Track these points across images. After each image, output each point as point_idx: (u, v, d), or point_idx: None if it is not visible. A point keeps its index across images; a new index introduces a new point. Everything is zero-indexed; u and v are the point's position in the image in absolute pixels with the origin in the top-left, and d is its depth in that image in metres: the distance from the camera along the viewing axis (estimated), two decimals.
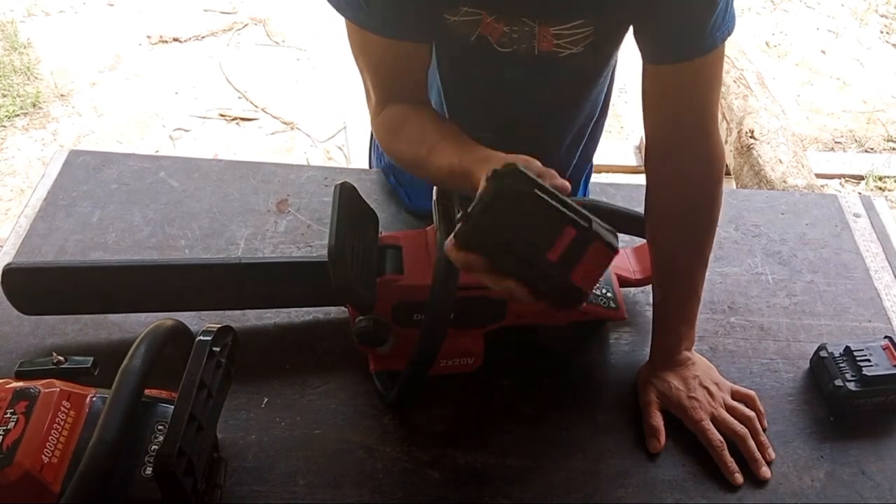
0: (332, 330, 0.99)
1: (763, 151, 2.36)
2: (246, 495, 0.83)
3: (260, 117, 2.81)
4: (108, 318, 0.98)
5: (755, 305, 1.06)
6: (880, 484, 0.88)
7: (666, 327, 0.94)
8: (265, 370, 0.95)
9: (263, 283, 0.95)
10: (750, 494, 0.86)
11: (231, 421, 0.89)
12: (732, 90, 2.58)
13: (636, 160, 2.69)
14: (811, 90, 3.05)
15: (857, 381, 0.91)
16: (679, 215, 0.90)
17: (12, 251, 1.06)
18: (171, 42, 3.11)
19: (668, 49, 0.83)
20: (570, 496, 0.85)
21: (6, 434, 0.67)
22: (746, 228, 1.17)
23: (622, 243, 1.09)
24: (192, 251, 1.08)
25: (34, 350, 0.95)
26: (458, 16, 0.85)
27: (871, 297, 1.08)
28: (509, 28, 0.85)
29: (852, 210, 1.21)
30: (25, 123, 2.74)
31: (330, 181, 1.19)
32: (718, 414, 0.89)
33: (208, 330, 0.75)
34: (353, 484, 0.85)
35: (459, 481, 0.85)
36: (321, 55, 3.03)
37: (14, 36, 3.06)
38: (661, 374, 0.92)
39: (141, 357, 0.70)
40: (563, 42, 0.86)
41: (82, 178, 1.18)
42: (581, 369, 0.98)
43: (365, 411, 0.91)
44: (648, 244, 0.95)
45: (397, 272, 0.85)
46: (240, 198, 1.16)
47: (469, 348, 0.91)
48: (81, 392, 0.74)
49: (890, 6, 3.49)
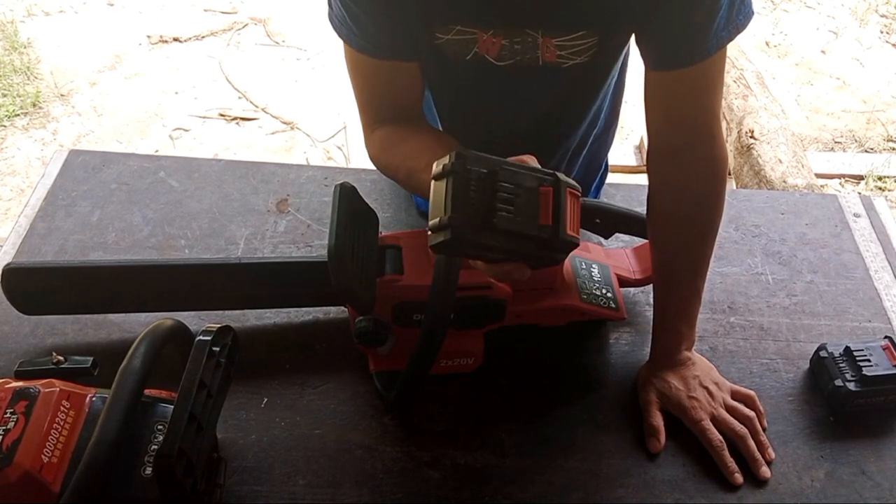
0: (332, 330, 0.99)
1: (763, 151, 2.36)
2: (246, 495, 0.83)
3: (260, 117, 2.81)
4: (108, 318, 0.98)
5: (755, 305, 1.06)
6: (880, 484, 0.88)
7: (666, 327, 0.94)
8: (265, 370, 0.95)
9: (263, 283, 0.95)
10: (750, 494, 0.86)
11: (231, 421, 0.89)
12: (732, 90, 2.58)
13: (636, 160, 2.69)
14: (811, 90, 3.05)
15: (857, 381, 0.91)
16: (681, 216, 0.90)
17: (12, 251, 1.07)
18: (171, 42, 3.11)
19: (671, 55, 0.82)
20: (570, 496, 0.85)
21: (6, 434, 0.67)
22: (746, 228, 1.17)
23: (622, 243, 1.09)
24: (192, 251, 1.08)
25: (34, 350, 0.95)
26: (450, 34, 0.84)
27: (871, 297, 1.08)
28: (509, 41, 0.84)
29: (852, 210, 1.21)
30: (25, 123, 2.74)
31: (330, 181, 1.19)
32: (718, 414, 0.89)
33: (208, 330, 0.75)
34: (352, 484, 0.85)
35: (459, 481, 0.85)
36: (321, 55, 3.03)
37: (14, 36, 3.06)
38: (661, 374, 0.92)
39: (141, 357, 0.70)
40: (566, 53, 0.85)
41: (82, 177, 1.18)
42: (581, 369, 0.98)
43: (365, 411, 0.91)
44: (650, 244, 0.95)
45: (397, 272, 0.85)
46: (240, 198, 1.16)
47: (469, 348, 0.91)
48: (81, 392, 0.74)
49: (890, 6, 3.49)
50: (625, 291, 1.03)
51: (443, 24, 0.84)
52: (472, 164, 0.61)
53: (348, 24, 0.83)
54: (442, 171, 0.62)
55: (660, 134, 0.89)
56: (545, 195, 0.62)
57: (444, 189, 0.61)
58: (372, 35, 0.83)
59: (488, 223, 0.60)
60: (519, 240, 0.62)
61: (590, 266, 0.96)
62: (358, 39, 0.84)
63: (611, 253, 1.03)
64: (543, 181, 0.63)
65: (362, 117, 0.93)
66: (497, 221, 0.60)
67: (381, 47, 0.84)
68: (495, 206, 0.60)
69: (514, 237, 0.62)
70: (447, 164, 0.61)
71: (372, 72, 0.87)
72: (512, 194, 0.61)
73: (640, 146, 2.69)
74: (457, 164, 0.61)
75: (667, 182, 0.91)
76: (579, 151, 1.10)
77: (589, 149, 1.12)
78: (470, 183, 0.60)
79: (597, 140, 1.12)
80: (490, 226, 0.60)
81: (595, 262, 0.97)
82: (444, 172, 0.62)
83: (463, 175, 0.60)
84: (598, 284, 0.95)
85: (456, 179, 0.60)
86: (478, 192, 0.60)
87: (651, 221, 0.93)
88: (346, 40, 0.85)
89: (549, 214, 0.62)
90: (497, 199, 0.61)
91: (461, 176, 0.60)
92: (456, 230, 0.60)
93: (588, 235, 1.05)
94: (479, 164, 0.61)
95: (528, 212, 0.62)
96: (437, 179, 0.62)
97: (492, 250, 0.63)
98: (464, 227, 0.60)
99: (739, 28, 0.81)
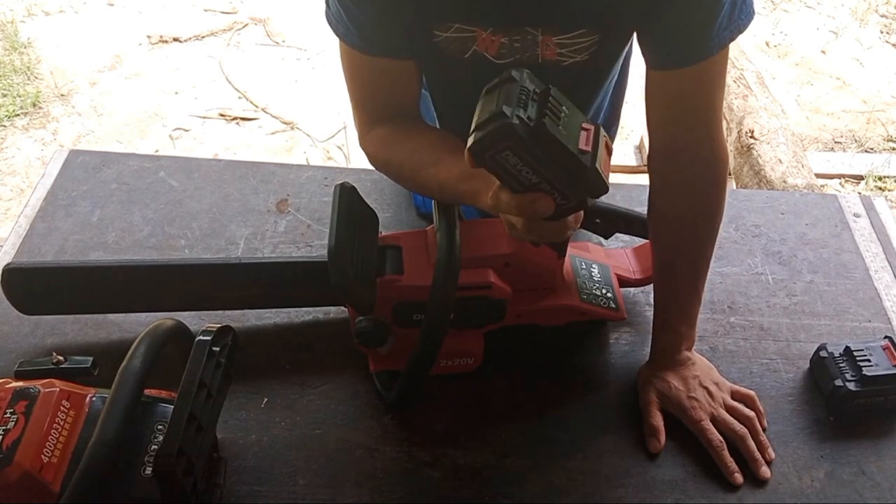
0: (332, 330, 0.99)
1: (763, 151, 2.36)
2: (246, 495, 0.83)
3: (260, 117, 2.80)
4: (108, 318, 0.98)
5: (755, 305, 1.06)
6: (880, 484, 0.88)
7: (666, 327, 0.94)
8: (265, 370, 0.95)
9: (263, 283, 0.95)
10: (750, 494, 0.86)
11: (231, 421, 0.89)
12: (732, 90, 2.58)
13: (636, 160, 2.69)
14: (811, 90, 3.05)
15: (857, 381, 0.91)
16: (682, 217, 0.90)
17: (12, 251, 1.07)
18: (171, 42, 3.11)
19: (673, 54, 0.82)
20: (570, 496, 0.85)
21: (6, 434, 0.67)
22: (746, 228, 1.17)
23: (622, 243, 1.09)
24: (192, 251, 1.08)
25: (34, 350, 0.95)
26: (449, 32, 0.84)
27: (871, 297, 1.08)
28: (508, 39, 0.84)
29: (852, 210, 1.21)
30: (25, 123, 2.74)
31: (330, 181, 1.19)
32: (718, 414, 0.89)
33: (208, 330, 0.75)
34: (352, 484, 0.85)
35: (459, 481, 0.85)
36: (321, 55, 3.03)
37: (14, 36, 3.06)
38: (661, 374, 0.92)
39: (141, 357, 0.70)
40: (566, 51, 0.85)
41: (82, 177, 1.18)
42: (581, 369, 0.98)
43: (365, 411, 0.91)
44: (651, 244, 0.95)
45: (397, 272, 0.85)
46: (240, 198, 1.16)
47: (469, 348, 0.91)
48: (81, 392, 0.74)
49: (890, 6, 3.49)
50: (625, 291, 1.03)
51: (441, 21, 0.84)
52: (528, 80, 0.62)
53: (345, 22, 0.83)
54: (497, 83, 0.62)
55: (661, 134, 0.89)
56: (587, 129, 0.63)
57: (496, 96, 0.61)
58: (369, 33, 0.83)
59: (539, 124, 0.60)
60: (561, 153, 0.62)
61: (590, 266, 0.96)
62: (355, 37, 0.84)
63: (611, 253, 1.03)
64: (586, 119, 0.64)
65: (358, 115, 0.93)
66: (547, 123, 0.60)
67: (378, 45, 0.84)
68: (546, 113, 0.61)
69: (558, 148, 0.61)
70: (503, 76, 0.62)
71: (369, 70, 0.87)
72: (560, 113, 0.62)
73: (640, 146, 2.69)
74: (515, 73, 0.61)
75: (668, 182, 0.91)
76: None
77: None
78: (525, 90, 0.61)
79: None
80: (540, 126, 0.60)
81: (595, 262, 0.97)
82: (498, 83, 0.62)
83: (519, 83, 0.61)
84: (598, 284, 0.95)
85: (512, 85, 0.61)
86: (530, 99, 0.61)
87: (652, 221, 0.93)
88: (343, 38, 0.85)
89: (590, 143, 0.63)
90: (548, 110, 0.61)
91: (517, 84, 0.61)
92: (507, 120, 0.59)
93: (588, 235, 1.06)
94: (533, 81, 0.62)
95: (573, 133, 0.62)
96: (489, 92, 0.62)
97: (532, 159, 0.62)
98: (515, 118, 0.59)
99: (741, 28, 0.80)
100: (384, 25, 0.83)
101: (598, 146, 0.63)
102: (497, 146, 0.61)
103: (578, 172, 0.63)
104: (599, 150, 0.63)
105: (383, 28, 0.83)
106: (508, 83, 0.61)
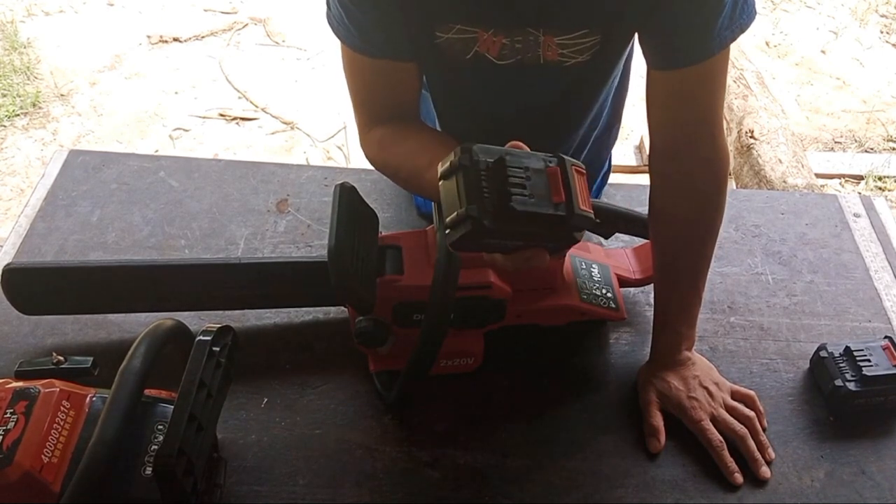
0: (332, 330, 0.99)
1: (763, 151, 2.36)
2: (246, 495, 0.83)
3: (260, 117, 2.80)
4: (108, 318, 0.98)
5: (755, 305, 1.06)
6: (880, 484, 0.88)
7: (666, 327, 0.94)
8: (265, 370, 0.95)
9: (263, 283, 0.95)
10: (750, 494, 0.86)
11: (231, 421, 0.89)
12: (732, 90, 2.58)
13: (636, 160, 2.69)
14: (811, 90, 3.05)
15: (857, 381, 0.91)
16: (683, 217, 0.90)
17: (12, 251, 1.07)
18: (171, 42, 3.11)
19: (674, 54, 0.82)
20: (570, 496, 0.85)
21: (6, 434, 0.67)
22: (746, 228, 1.17)
23: (622, 243, 1.09)
24: (192, 251, 1.08)
25: (34, 350, 0.95)
26: (450, 33, 0.84)
27: (871, 297, 1.08)
28: (510, 40, 0.84)
29: (852, 210, 1.21)
30: (25, 123, 2.74)
31: (330, 181, 1.19)
32: (718, 414, 0.89)
33: (208, 330, 0.75)
34: (352, 484, 0.85)
35: (459, 481, 0.85)
36: (321, 55, 3.03)
37: (14, 36, 3.06)
38: (661, 374, 0.92)
39: (141, 357, 0.70)
40: (567, 52, 0.85)
41: (82, 177, 1.18)
42: (581, 369, 0.98)
43: (365, 411, 0.91)
44: (651, 244, 0.95)
45: (397, 272, 0.85)
46: (239, 198, 1.16)
47: (469, 348, 0.91)
48: (81, 392, 0.74)
49: (890, 6, 3.49)
50: (625, 291, 1.03)
51: (443, 23, 0.84)
52: (479, 156, 0.61)
53: (346, 24, 0.83)
54: (450, 168, 0.62)
55: (661, 134, 0.89)
56: (553, 174, 0.62)
57: (455, 185, 0.61)
58: (370, 35, 0.83)
59: (506, 208, 0.60)
60: (538, 221, 0.62)
61: (590, 266, 0.96)
62: (356, 39, 0.84)
63: (611, 253, 1.03)
64: (549, 162, 0.63)
65: (358, 117, 0.93)
66: (514, 205, 0.60)
67: (379, 47, 0.84)
68: (509, 191, 0.60)
69: (533, 218, 0.61)
70: (454, 161, 0.61)
71: (369, 71, 0.87)
72: (522, 178, 0.61)
73: (641, 146, 2.68)
74: (464, 158, 0.61)
75: (668, 182, 0.91)
76: (580, 151, 1.10)
77: (590, 149, 1.11)
78: (480, 174, 0.60)
79: (598, 140, 1.12)
80: (508, 211, 0.60)
81: (595, 262, 0.97)
82: (452, 169, 0.62)
83: (472, 167, 0.61)
84: (598, 284, 0.95)
85: (466, 173, 0.61)
86: (489, 181, 0.61)
87: (652, 221, 0.93)
88: (344, 40, 0.85)
89: (561, 191, 0.62)
90: (509, 184, 0.61)
91: (470, 169, 0.61)
92: (476, 221, 0.59)
93: (588, 235, 1.05)
94: (484, 154, 0.61)
95: (541, 192, 0.62)
96: (446, 178, 0.62)
97: (512, 236, 0.63)
98: (483, 216, 0.60)
99: (742, 28, 0.80)
100: (385, 27, 0.83)
101: (571, 185, 0.62)
102: (474, 242, 0.62)
103: (561, 225, 0.63)
104: (573, 188, 0.62)
105: (384, 30, 0.83)
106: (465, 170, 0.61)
